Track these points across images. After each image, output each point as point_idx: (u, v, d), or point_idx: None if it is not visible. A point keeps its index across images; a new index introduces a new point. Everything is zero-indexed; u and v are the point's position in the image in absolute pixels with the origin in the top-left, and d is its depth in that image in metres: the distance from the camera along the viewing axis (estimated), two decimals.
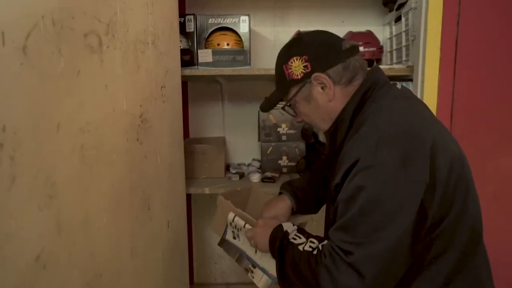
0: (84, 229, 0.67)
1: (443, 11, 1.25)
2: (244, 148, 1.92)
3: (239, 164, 1.86)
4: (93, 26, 0.71)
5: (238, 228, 1.00)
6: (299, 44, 0.85)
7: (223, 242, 1.08)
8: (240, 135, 1.91)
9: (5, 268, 0.48)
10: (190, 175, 1.59)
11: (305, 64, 0.82)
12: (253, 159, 1.86)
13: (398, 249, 0.68)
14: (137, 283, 0.92)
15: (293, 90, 0.86)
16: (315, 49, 0.83)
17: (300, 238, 0.81)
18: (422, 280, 0.74)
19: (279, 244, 0.82)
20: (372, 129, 0.73)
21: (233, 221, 1.01)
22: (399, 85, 0.86)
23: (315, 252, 0.76)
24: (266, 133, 1.68)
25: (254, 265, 0.99)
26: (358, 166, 0.69)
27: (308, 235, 0.83)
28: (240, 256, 1.03)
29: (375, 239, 0.68)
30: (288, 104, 0.91)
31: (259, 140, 1.73)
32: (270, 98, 0.94)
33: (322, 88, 0.82)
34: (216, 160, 1.63)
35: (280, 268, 0.82)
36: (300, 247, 0.79)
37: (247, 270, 1.01)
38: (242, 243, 1.01)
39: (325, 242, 0.78)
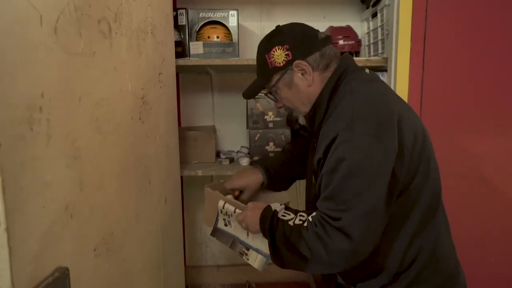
0: (100, 190, 0.77)
1: (412, 7, 1.40)
2: (233, 137, 2.03)
3: (228, 151, 1.97)
4: (104, 14, 0.80)
5: (228, 215, 1.06)
6: (280, 35, 0.95)
7: (215, 231, 1.14)
8: (229, 124, 2.02)
9: (43, 212, 0.58)
10: (182, 160, 1.68)
11: (286, 52, 0.92)
12: (242, 146, 1.97)
13: (377, 210, 0.79)
14: (140, 248, 1.02)
15: (276, 77, 0.95)
16: (295, 39, 0.93)
17: (289, 215, 0.89)
18: (395, 237, 0.86)
19: (269, 223, 0.88)
20: (347, 108, 0.84)
21: (223, 208, 1.07)
22: (367, 70, 0.98)
23: (305, 224, 0.84)
24: (254, 120, 1.80)
25: (248, 248, 1.05)
26: (337, 141, 0.80)
27: (296, 211, 0.91)
28: (233, 242, 1.09)
29: (357, 203, 0.78)
30: (270, 91, 1.00)
31: (247, 127, 1.85)
32: (253, 86, 1.03)
33: (302, 74, 0.93)
34: (207, 145, 1.74)
35: (272, 244, 0.88)
36: (290, 222, 0.86)
37: (241, 254, 1.07)
38: (233, 229, 1.07)
39: (314, 213, 0.85)
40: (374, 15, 1.75)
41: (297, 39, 0.93)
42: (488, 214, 1.50)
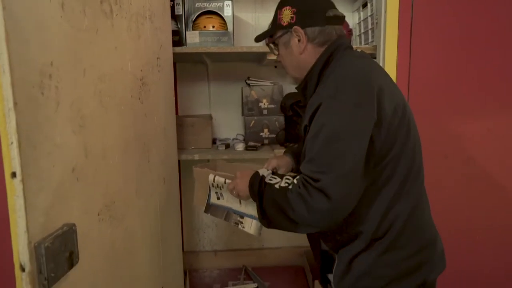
0: (103, 160, 0.83)
1: None
2: (229, 125, 2.09)
3: (225, 138, 2.03)
4: None
5: (220, 187, 1.11)
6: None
7: (208, 208, 1.19)
8: (225, 112, 2.08)
9: (52, 171, 0.64)
10: (180, 146, 1.74)
11: (292, 15, 0.98)
12: (238, 134, 2.03)
13: (355, 172, 0.84)
14: (141, 222, 1.08)
15: (278, 33, 1.03)
16: (304, 6, 0.98)
17: (275, 179, 0.95)
18: (372, 204, 0.92)
19: (257, 187, 0.94)
20: (333, 80, 0.91)
21: (214, 181, 1.12)
22: (358, 49, 1.04)
23: (290, 186, 0.89)
24: (249, 108, 1.86)
25: (242, 216, 1.10)
26: (321, 108, 0.86)
27: (282, 175, 0.96)
28: (227, 214, 1.14)
29: (336, 166, 0.83)
30: (273, 43, 1.06)
31: (242, 114, 1.91)
32: (263, 33, 1.10)
33: (298, 40, 0.99)
34: (203, 131, 1.79)
35: (260, 207, 0.94)
36: (276, 186, 0.92)
37: (236, 223, 1.12)
38: (226, 200, 1.12)
39: (299, 176, 0.90)
40: (365, 5, 1.81)
41: (306, 8, 0.98)
42: (472, 193, 1.57)
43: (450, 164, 1.55)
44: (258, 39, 1.11)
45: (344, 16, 1.03)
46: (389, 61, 1.51)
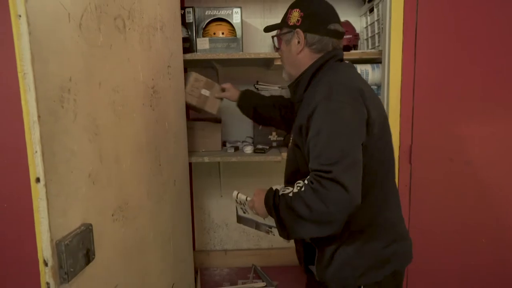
0: (117, 164, 0.90)
1: (404, 2, 1.48)
2: (239, 128, 2.15)
3: (234, 141, 2.09)
4: (119, 12, 0.93)
5: (243, 203, 1.18)
6: (306, 2, 1.09)
7: (240, 219, 1.26)
8: (235, 116, 2.12)
9: (71, 176, 0.70)
10: (191, 149, 1.81)
11: (299, 18, 1.07)
12: (247, 137, 2.09)
13: (358, 162, 0.91)
14: (151, 221, 1.15)
15: (284, 30, 1.12)
16: (312, 13, 1.07)
17: (288, 189, 0.98)
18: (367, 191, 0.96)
19: (272, 200, 0.99)
20: (327, 84, 0.99)
21: (237, 198, 1.19)
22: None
23: (302, 188, 0.92)
24: None
25: (271, 227, 1.16)
26: (319, 109, 0.93)
27: (294, 184, 0.97)
28: (257, 225, 1.21)
29: (343, 156, 0.88)
30: (278, 36, 1.16)
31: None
32: (272, 26, 1.19)
33: (298, 42, 1.08)
34: (213, 135, 1.86)
35: (278, 218, 0.97)
36: (290, 194, 0.95)
37: (267, 232, 1.19)
38: (251, 215, 1.19)
39: (308, 176, 0.93)
40: (371, 10, 1.84)
41: (312, 15, 1.07)
42: (477, 196, 1.58)
43: (455, 167, 1.56)
44: (266, 29, 1.21)
45: (344, 33, 1.11)
46: (394, 66, 1.53)
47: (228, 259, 2.25)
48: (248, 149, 1.83)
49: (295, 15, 1.08)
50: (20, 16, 0.56)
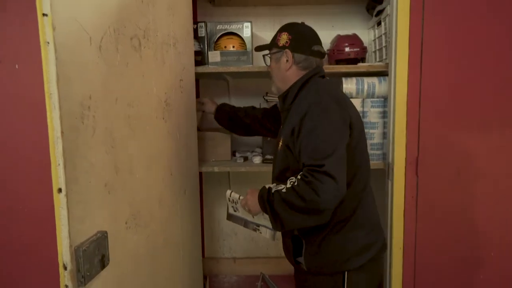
0: (130, 175, 0.95)
1: (410, 17, 1.52)
2: (249, 138, 2.19)
3: (244, 151, 2.14)
4: (135, 32, 0.99)
5: (235, 202, 1.30)
6: (294, 28, 1.30)
7: (230, 216, 1.37)
8: None
9: (88, 187, 0.76)
10: (201, 158, 1.86)
11: (287, 40, 1.26)
12: (257, 147, 2.13)
13: (344, 157, 1.07)
14: (162, 229, 1.20)
15: (274, 50, 1.31)
16: (298, 36, 1.26)
17: (281, 186, 1.11)
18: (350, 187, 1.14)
19: (266, 197, 1.11)
20: (315, 94, 1.18)
21: (230, 196, 1.31)
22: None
23: (296, 182, 1.06)
24: None
25: (258, 225, 1.29)
26: (310, 112, 1.10)
27: (287, 180, 1.11)
28: (245, 223, 1.32)
29: (334, 151, 1.04)
30: (268, 55, 1.34)
31: None
32: (262, 46, 1.38)
33: (286, 60, 1.25)
34: (223, 145, 1.91)
35: (272, 211, 1.10)
36: (284, 189, 1.08)
37: (254, 230, 1.31)
38: (241, 213, 1.31)
39: (301, 172, 1.07)
40: (379, 23, 1.88)
41: (299, 38, 1.26)
42: (485, 209, 1.58)
43: (462, 179, 1.57)
44: (257, 49, 1.40)
45: (325, 53, 1.33)
46: (400, 79, 1.56)
47: (237, 267, 2.28)
48: (257, 159, 1.87)
49: (284, 37, 1.27)
50: (48, 43, 0.63)
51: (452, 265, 1.61)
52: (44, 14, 0.63)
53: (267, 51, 1.35)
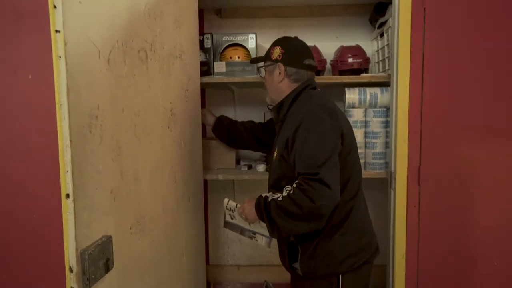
0: (135, 181, 0.99)
1: (411, 29, 1.54)
2: None
3: (248, 159, 2.17)
4: (143, 45, 1.04)
5: (232, 210, 1.34)
6: (287, 42, 1.37)
7: (226, 224, 1.42)
8: None
9: (97, 193, 0.80)
10: (206, 166, 1.90)
11: (280, 54, 1.32)
12: (260, 155, 2.16)
13: (337, 165, 1.13)
14: (166, 235, 1.23)
15: (268, 62, 1.37)
16: (291, 51, 1.32)
17: (277, 195, 1.15)
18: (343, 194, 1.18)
19: (263, 205, 1.15)
20: (308, 105, 1.23)
21: (227, 204, 1.35)
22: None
23: (291, 191, 1.10)
24: None
25: (254, 233, 1.32)
26: (303, 123, 1.15)
27: (283, 189, 1.15)
28: (241, 230, 1.37)
29: (327, 160, 1.09)
30: (263, 67, 1.39)
31: None
32: (256, 58, 1.48)
33: (279, 73, 1.31)
34: (228, 153, 1.94)
35: (268, 219, 1.13)
36: (280, 198, 1.12)
37: (250, 237, 1.34)
38: (238, 221, 1.35)
39: (296, 181, 1.11)
40: (382, 34, 1.91)
41: (291, 52, 1.32)
42: (487, 219, 1.58)
43: (465, 189, 1.57)
44: (252, 61, 1.51)
45: (316, 66, 1.38)
46: (402, 89, 1.58)
47: (241, 275, 2.30)
48: (261, 168, 1.90)
49: (277, 51, 1.32)
50: (60, 57, 0.67)
51: (455, 275, 1.60)
52: (57, 31, 0.67)
53: (261, 63, 1.41)
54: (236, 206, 1.30)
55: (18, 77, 0.99)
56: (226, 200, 1.36)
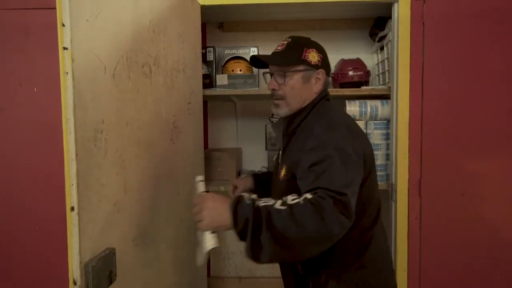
0: (139, 194, 1.00)
1: (410, 42, 1.57)
2: (255, 157, 2.24)
3: (250, 170, 2.18)
4: (147, 60, 1.06)
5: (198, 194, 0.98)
6: (317, 44, 1.16)
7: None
8: (251, 146, 2.24)
9: (99, 206, 0.81)
10: (208, 177, 1.91)
11: (319, 59, 1.12)
12: (262, 166, 2.17)
13: (356, 194, 0.93)
14: (168, 247, 1.23)
15: (300, 67, 1.10)
16: (325, 56, 1.17)
17: (271, 200, 0.87)
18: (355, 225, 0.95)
19: (252, 213, 0.83)
20: (327, 119, 1.06)
21: (198, 183, 1.00)
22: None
23: (313, 199, 0.84)
24: (272, 143, 2.01)
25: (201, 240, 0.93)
26: (325, 141, 0.96)
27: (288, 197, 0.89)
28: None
29: (352, 180, 0.92)
30: (284, 72, 1.12)
31: (266, 149, 2.05)
32: (279, 58, 1.14)
33: (316, 81, 1.13)
34: (229, 165, 1.95)
35: (254, 235, 0.83)
36: (278, 206, 0.84)
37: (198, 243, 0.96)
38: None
39: (308, 193, 0.86)
40: (382, 48, 1.93)
41: (326, 58, 1.17)
42: (489, 232, 1.57)
43: (466, 201, 1.57)
44: (272, 61, 1.17)
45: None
46: (402, 102, 1.60)
47: (242, 287, 2.28)
48: None
49: (314, 55, 1.11)
50: (67, 73, 0.69)
51: (457, 287, 1.59)
52: (64, 48, 0.69)
53: (292, 67, 1.11)
54: (201, 193, 0.95)
55: (23, 89, 1.01)
56: (198, 178, 1.02)
